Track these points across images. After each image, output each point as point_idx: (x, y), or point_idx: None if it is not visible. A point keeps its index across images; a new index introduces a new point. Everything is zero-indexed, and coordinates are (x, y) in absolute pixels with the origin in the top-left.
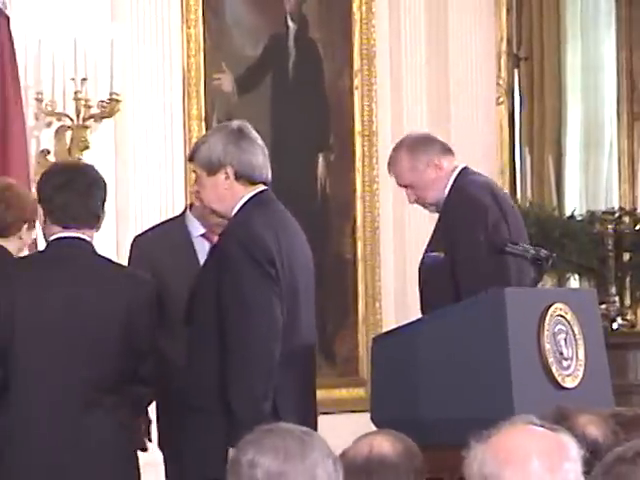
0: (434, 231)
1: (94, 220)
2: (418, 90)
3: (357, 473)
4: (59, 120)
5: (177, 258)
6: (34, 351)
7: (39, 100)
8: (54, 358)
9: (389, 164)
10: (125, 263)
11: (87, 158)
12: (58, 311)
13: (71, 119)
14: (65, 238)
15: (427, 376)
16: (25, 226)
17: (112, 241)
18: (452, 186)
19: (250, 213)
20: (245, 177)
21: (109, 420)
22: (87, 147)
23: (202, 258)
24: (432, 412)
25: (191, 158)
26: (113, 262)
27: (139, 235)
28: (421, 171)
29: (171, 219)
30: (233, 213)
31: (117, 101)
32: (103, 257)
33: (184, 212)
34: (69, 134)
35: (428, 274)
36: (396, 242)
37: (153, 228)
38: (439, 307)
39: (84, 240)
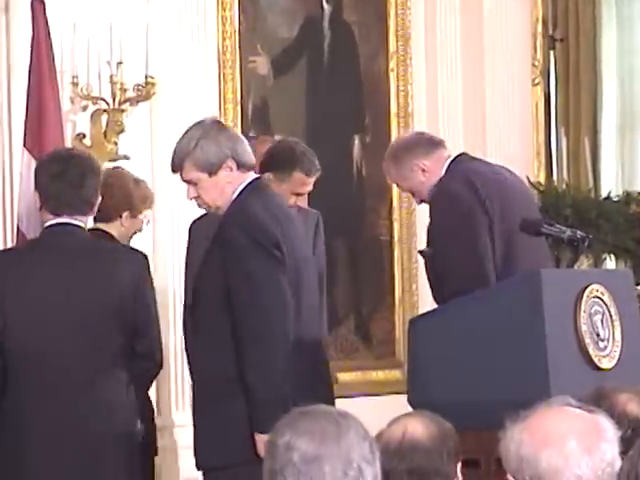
0: None
1: (87, 207)
2: (453, 72)
3: (391, 456)
4: (95, 104)
5: None
6: (31, 334)
7: (75, 84)
8: (52, 340)
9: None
10: (163, 241)
11: (123, 141)
12: (52, 292)
13: (107, 103)
14: (58, 224)
15: (464, 358)
16: (126, 213)
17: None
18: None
19: (249, 199)
20: (244, 165)
21: (111, 396)
22: (122, 130)
23: None
24: (469, 394)
25: (180, 169)
26: (104, 243)
27: (196, 219)
28: (410, 177)
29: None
30: (232, 200)
31: (153, 84)
32: (94, 240)
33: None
34: (105, 118)
35: (426, 267)
36: (423, 218)
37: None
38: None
39: (76, 225)
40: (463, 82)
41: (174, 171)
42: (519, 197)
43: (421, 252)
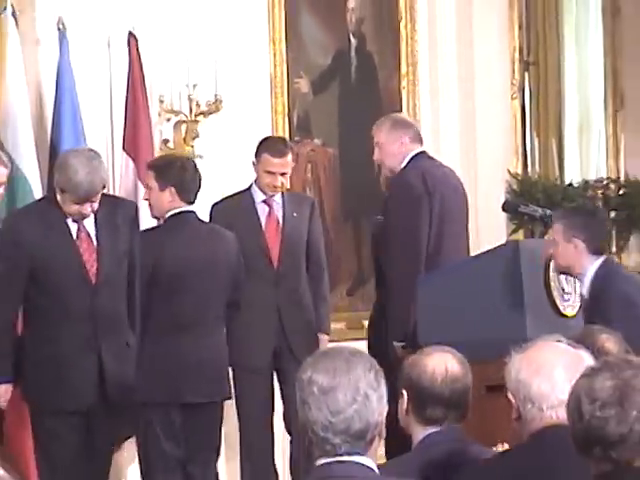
0: None
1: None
2: (451, 88)
3: (439, 384)
4: (176, 116)
5: (245, 219)
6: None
7: (161, 101)
8: (201, 289)
9: (376, 125)
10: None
11: (197, 145)
12: (194, 255)
13: (185, 115)
14: (187, 211)
15: (459, 308)
16: None
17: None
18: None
19: None
20: None
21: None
22: (197, 137)
23: (262, 218)
24: (463, 335)
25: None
26: (209, 223)
27: (216, 203)
28: (392, 145)
29: (242, 191)
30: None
31: (220, 101)
32: (206, 222)
33: (251, 185)
34: (184, 127)
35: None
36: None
37: (228, 197)
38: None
39: (194, 212)
40: (458, 96)
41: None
42: (456, 197)
43: (374, 220)
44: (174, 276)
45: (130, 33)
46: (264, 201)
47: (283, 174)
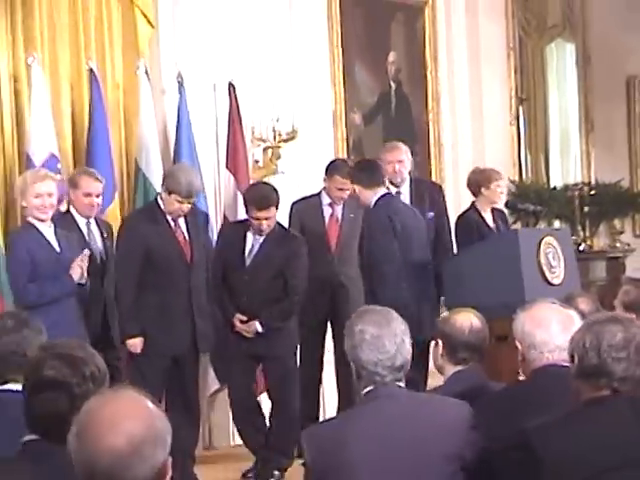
0: None
1: None
2: (465, 119)
3: (466, 335)
4: (264, 143)
5: (313, 218)
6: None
7: (253, 132)
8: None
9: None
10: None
11: (280, 164)
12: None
13: (271, 142)
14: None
15: (475, 279)
16: None
17: None
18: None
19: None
20: None
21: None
22: (279, 158)
23: (327, 217)
24: (478, 299)
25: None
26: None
27: (295, 202)
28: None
29: (314, 194)
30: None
31: (296, 131)
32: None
33: (321, 191)
34: (270, 151)
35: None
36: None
37: (303, 199)
38: None
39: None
40: (471, 124)
41: None
42: (414, 223)
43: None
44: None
45: (230, 83)
46: (329, 204)
47: (348, 189)
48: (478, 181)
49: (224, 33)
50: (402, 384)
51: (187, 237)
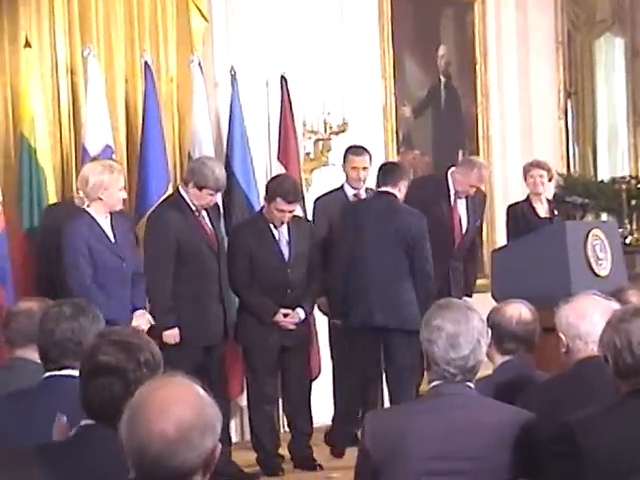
0: None
1: None
2: (513, 113)
3: (514, 325)
4: (315, 135)
5: (340, 211)
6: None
7: (304, 125)
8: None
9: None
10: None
11: (331, 155)
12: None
13: (322, 135)
14: None
15: (523, 271)
16: None
17: None
18: None
19: None
20: None
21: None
22: (330, 150)
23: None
24: (525, 291)
25: None
26: None
27: (320, 197)
28: None
29: (336, 188)
30: None
31: (346, 123)
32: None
33: (342, 184)
34: (321, 143)
35: None
36: (499, 197)
37: (328, 193)
38: None
39: None
40: (519, 118)
41: None
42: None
43: None
44: None
45: (282, 76)
46: (354, 195)
47: (364, 168)
48: (523, 173)
49: (277, 27)
50: (472, 385)
51: (210, 227)
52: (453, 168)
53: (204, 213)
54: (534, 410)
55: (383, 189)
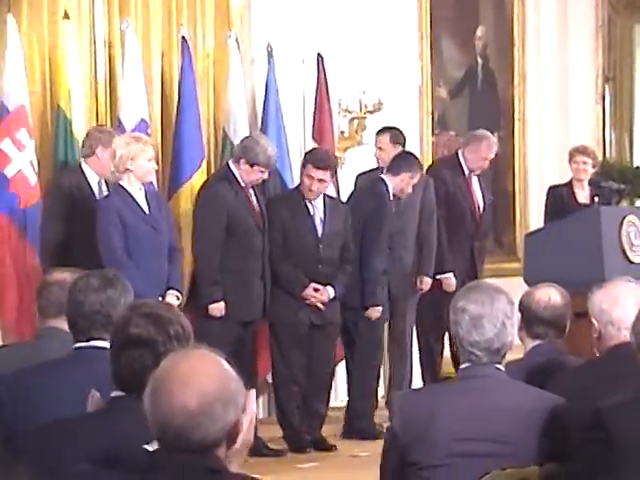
0: None
1: None
2: (550, 97)
3: (541, 309)
4: (350, 114)
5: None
6: None
7: (339, 103)
8: None
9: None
10: None
11: (365, 134)
12: None
13: (357, 113)
14: None
15: (556, 255)
16: None
17: None
18: None
19: None
20: None
21: None
22: (365, 129)
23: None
24: (557, 275)
25: None
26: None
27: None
28: None
29: (375, 168)
30: None
31: (382, 103)
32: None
33: (377, 168)
34: (355, 122)
35: None
36: (534, 180)
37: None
38: None
39: None
40: (557, 102)
41: None
42: None
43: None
44: None
45: (319, 54)
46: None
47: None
48: (568, 158)
49: (314, 5)
50: (501, 367)
51: (257, 203)
52: (460, 151)
53: (251, 190)
54: (564, 395)
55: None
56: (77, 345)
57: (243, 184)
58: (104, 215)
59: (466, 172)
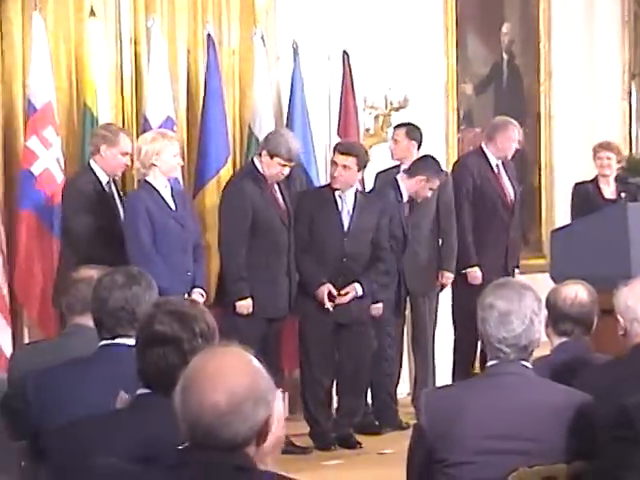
0: None
1: None
2: (577, 93)
3: (568, 306)
4: (375, 111)
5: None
6: None
7: (365, 100)
8: None
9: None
10: None
11: (390, 132)
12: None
13: (382, 110)
14: None
15: (582, 252)
16: None
17: None
18: None
19: None
20: None
21: None
22: (390, 126)
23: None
24: (584, 271)
25: None
26: None
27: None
28: None
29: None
30: None
31: (407, 100)
32: None
33: (398, 165)
34: (381, 119)
35: None
36: (560, 176)
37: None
38: None
39: None
40: (583, 98)
41: None
42: None
43: None
44: None
45: (344, 51)
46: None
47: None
48: (592, 153)
49: (339, 2)
50: (528, 364)
51: (282, 200)
52: (484, 143)
53: (276, 186)
54: (591, 392)
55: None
56: (103, 343)
57: (268, 180)
58: (132, 210)
59: (493, 164)
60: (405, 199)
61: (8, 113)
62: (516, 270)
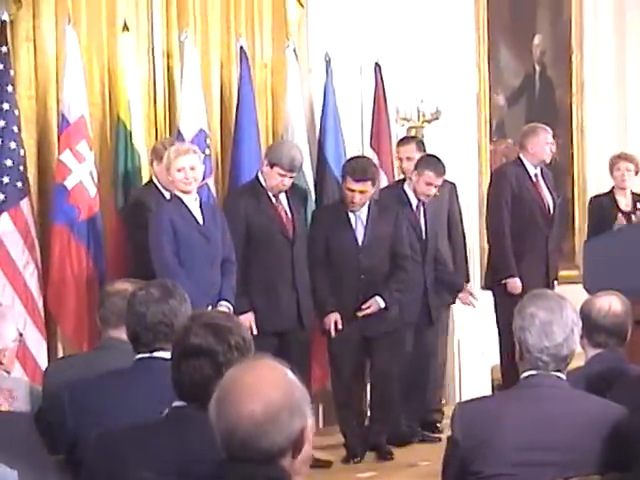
0: None
1: None
2: (609, 105)
3: (602, 317)
4: (408, 122)
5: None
6: None
7: (397, 112)
8: None
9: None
10: None
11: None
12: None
13: (415, 122)
14: None
15: (615, 262)
16: None
17: None
18: None
19: None
20: None
21: None
22: (423, 136)
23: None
24: (617, 283)
25: None
26: None
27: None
28: None
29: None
30: None
31: (440, 111)
32: None
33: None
34: (413, 130)
35: None
36: (593, 187)
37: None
38: None
39: None
40: (615, 109)
41: None
42: None
43: None
44: None
45: (376, 63)
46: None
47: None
48: (609, 166)
49: (371, 14)
50: (563, 376)
51: (289, 212)
52: (520, 154)
53: (283, 198)
54: (625, 404)
55: None
56: (140, 356)
57: (270, 193)
58: (156, 223)
59: (531, 173)
60: (414, 207)
61: (42, 127)
62: (555, 282)
